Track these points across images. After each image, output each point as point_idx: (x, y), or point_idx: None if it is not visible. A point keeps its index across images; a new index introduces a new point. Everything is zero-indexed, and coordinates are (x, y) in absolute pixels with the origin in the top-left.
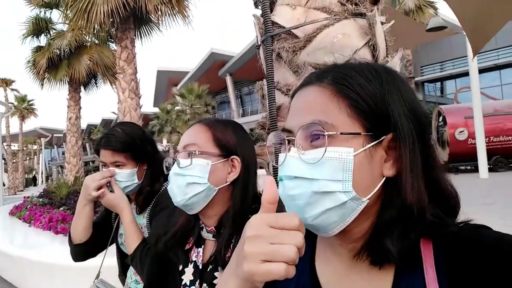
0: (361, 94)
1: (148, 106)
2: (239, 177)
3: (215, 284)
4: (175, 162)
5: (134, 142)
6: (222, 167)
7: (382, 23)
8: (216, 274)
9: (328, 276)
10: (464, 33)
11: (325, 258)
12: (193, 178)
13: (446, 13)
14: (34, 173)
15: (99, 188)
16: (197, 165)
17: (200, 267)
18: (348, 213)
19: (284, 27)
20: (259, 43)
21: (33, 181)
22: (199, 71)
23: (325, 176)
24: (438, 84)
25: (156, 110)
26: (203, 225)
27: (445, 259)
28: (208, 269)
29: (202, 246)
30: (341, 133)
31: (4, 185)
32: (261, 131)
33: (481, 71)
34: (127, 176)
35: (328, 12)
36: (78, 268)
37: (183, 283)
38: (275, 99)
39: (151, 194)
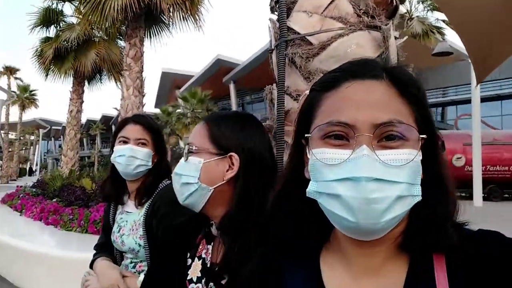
0: (419, 97)
1: (149, 106)
2: (238, 176)
3: (222, 285)
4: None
5: (159, 129)
6: (216, 165)
7: (395, 38)
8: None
9: (335, 282)
10: (470, 61)
11: (333, 267)
12: (186, 178)
13: (452, 40)
14: (29, 163)
15: None
16: (190, 164)
17: (208, 265)
18: (404, 214)
19: (299, 33)
20: (273, 47)
21: (28, 172)
22: (204, 76)
23: (407, 179)
24: (440, 109)
25: (157, 111)
26: (213, 221)
27: (456, 267)
28: (216, 269)
29: (212, 243)
30: (421, 136)
31: None
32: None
33: (483, 100)
34: (145, 155)
35: (344, 22)
36: (63, 258)
37: (188, 278)
38: (284, 104)
39: (153, 185)
